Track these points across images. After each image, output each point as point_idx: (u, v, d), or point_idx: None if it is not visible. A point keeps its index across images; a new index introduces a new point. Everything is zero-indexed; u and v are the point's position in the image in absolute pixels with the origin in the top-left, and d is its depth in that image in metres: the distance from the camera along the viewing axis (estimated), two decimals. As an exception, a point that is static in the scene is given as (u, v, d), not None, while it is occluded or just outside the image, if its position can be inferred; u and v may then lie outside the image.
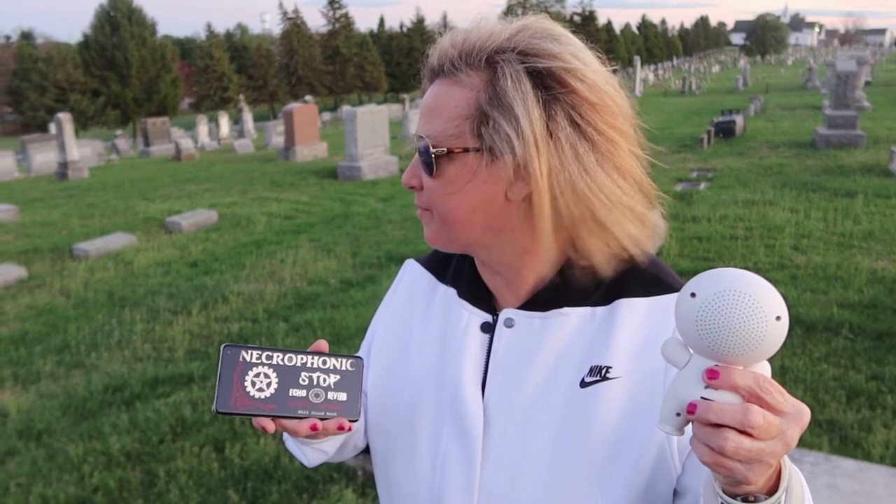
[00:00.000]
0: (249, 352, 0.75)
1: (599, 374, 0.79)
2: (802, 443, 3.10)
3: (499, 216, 0.79)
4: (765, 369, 0.58)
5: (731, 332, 0.55)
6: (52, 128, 18.08)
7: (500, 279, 0.87)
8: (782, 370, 3.80)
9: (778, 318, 0.55)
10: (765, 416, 0.55)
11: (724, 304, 0.55)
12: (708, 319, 0.56)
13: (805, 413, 0.57)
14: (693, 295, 0.57)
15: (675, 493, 0.79)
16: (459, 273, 0.94)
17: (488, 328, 0.87)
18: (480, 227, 0.80)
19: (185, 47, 79.64)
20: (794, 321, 4.43)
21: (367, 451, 1.02)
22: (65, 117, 16.28)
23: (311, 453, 0.93)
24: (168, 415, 3.75)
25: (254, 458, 3.27)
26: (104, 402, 4.07)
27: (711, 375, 0.57)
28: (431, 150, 0.78)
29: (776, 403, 0.56)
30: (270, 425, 0.75)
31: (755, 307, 0.55)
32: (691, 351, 0.60)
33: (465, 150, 0.77)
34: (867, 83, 25.16)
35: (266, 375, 0.75)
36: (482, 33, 0.78)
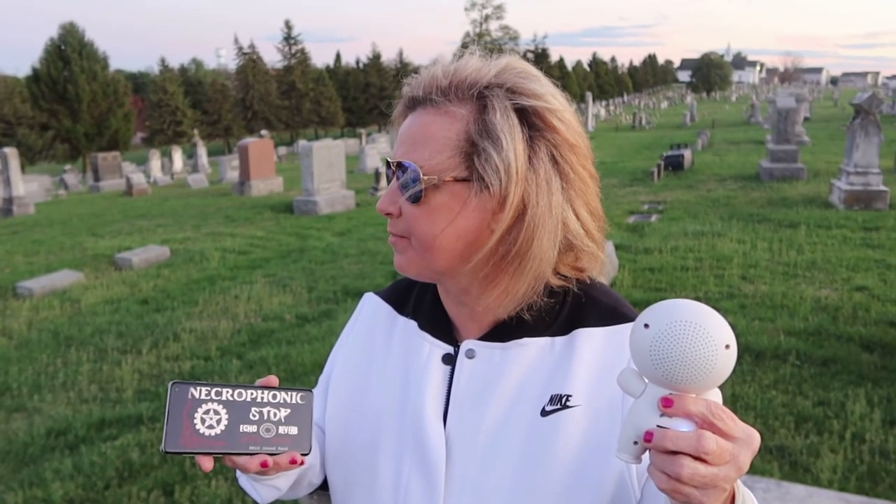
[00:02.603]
0: (198, 388, 0.73)
1: (560, 402, 0.80)
2: (754, 469, 3.14)
3: (477, 245, 0.80)
4: (716, 396, 0.60)
5: (683, 362, 0.56)
6: (-3, 162, 17.54)
7: (464, 309, 0.88)
8: (733, 398, 3.87)
9: (727, 346, 0.57)
10: (717, 441, 0.56)
11: (676, 335, 0.57)
12: (661, 349, 0.57)
13: (755, 438, 0.59)
14: (647, 326, 0.58)
15: (634, 519, 0.79)
16: (420, 305, 0.94)
17: (450, 359, 0.87)
18: (459, 255, 0.81)
19: (138, 82, 78.59)
20: (744, 349, 4.53)
21: (322, 487, 1.00)
22: (11, 152, 15.86)
23: (264, 490, 0.91)
24: (115, 458, 3.61)
25: (205, 501, 3.16)
26: (46, 446, 3.89)
27: (666, 404, 0.58)
28: (422, 178, 0.78)
29: (728, 429, 0.57)
30: (208, 464, 0.73)
31: (706, 337, 0.56)
32: (646, 380, 0.61)
33: (456, 180, 0.78)
34: (806, 119, 26.35)
35: (216, 412, 0.73)
36: (470, 68, 0.80)
